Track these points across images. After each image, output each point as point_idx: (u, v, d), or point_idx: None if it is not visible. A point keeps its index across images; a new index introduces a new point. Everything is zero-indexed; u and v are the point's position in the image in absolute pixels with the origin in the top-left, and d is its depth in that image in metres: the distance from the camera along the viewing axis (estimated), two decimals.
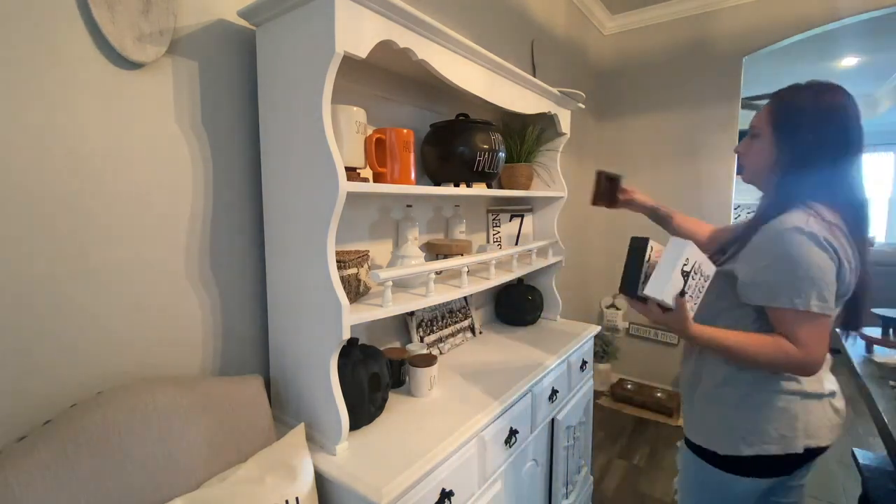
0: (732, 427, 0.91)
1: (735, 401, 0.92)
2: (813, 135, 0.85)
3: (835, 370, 1.02)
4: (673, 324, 0.88)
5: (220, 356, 1.02)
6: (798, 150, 0.87)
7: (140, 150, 0.86)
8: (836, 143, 0.86)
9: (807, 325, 0.82)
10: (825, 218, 0.83)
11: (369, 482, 0.80)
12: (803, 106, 0.87)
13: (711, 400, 0.96)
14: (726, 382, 0.93)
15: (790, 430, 0.88)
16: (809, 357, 0.83)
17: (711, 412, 0.95)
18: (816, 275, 0.81)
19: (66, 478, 0.63)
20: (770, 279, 0.84)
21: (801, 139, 0.87)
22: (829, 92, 0.87)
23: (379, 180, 1.10)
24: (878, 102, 5.01)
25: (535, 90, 1.48)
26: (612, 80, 2.95)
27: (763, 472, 0.91)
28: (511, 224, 1.89)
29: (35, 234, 0.73)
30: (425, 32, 0.99)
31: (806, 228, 0.81)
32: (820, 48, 3.41)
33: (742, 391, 0.91)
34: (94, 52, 0.79)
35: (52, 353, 0.76)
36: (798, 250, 0.81)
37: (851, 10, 2.19)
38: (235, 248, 1.03)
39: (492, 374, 1.29)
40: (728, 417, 0.92)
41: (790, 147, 0.88)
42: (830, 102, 0.86)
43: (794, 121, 0.88)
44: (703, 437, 0.97)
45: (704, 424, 0.97)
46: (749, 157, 0.97)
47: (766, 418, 0.89)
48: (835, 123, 0.85)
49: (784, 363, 0.84)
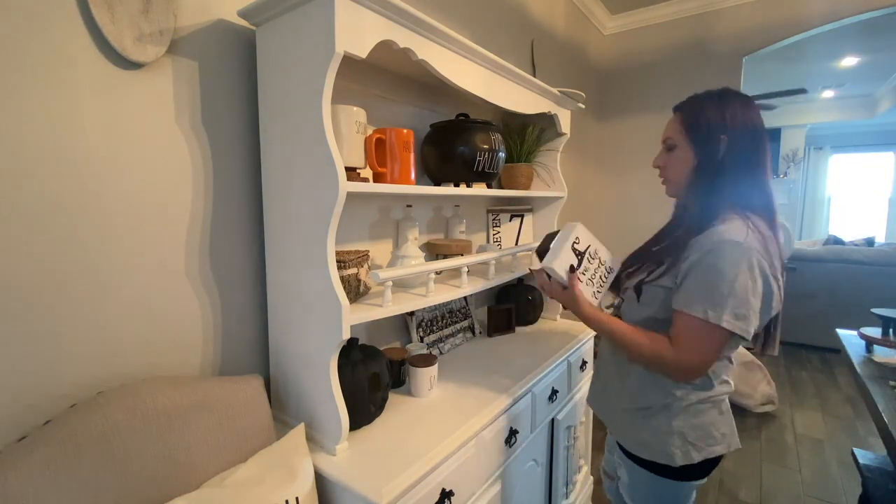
0: (683, 437, 0.91)
1: (678, 410, 0.91)
2: (727, 137, 0.87)
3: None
4: (567, 301, 0.96)
5: (220, 356, 1.02)
6: (715, 154, 0.88)
7: (140, 149, 0.86)
8: (747, 150, 0.87)
9: (699, 332, 0.83)
10: (761, 230, 0.84)
11: (369, 482, 0.80)
12: (711, 109, 0.89)
13: (654, 414, 0.94)
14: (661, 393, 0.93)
15: (728, 428, 0.93)
16: (681, 360, 0.85)
17: (657, 426, 0.93)
18: (739, 293, 0.80)
19: (66, 478, 0.63)
20: (693, 287, 0.84)
21: (715, 142, 0.88)
22: (739, 102, 0.89)
23: (379, 180, 1.10)
24: (878, 102, 5.01)
25: (535, 90, 1.48)
26: (612, 80, 2.95)
27: (704, 473, 0.94)
28: (511, 224, 1.89)
29: (35, 235, 0.73)
30: (425, 32, 0.99)
31: (744, 244, 0.81)
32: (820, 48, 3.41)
33: (682, 400, 0.91)
34: (93, 51, 0.79)
35: (53, 353, 0.76)
36: (730, 265, 0.80)
37: (851, 10, 2.19)
38: (235, 248, 1.03)
39: (492, 374, 1.29)
40: (676, 429, 0.91)
41: (708, 152, 0.89)
42: (739, 111, 0.88)
43: (705, 124, 0.89)
44: (654, 452, 0.94)
45: (654, 440, 0.94)
46: (670, 169, 0.97)
47: (711, 422, 0.91)
48: (744, 131, 0.87)
49: (657, 362, 0.87)
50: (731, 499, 1.98)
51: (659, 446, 0.93)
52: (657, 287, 0.91)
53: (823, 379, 3.30)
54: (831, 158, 6.29)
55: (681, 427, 0.91)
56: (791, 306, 3.85)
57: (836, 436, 2.53)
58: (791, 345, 3.99)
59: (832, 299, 3.88)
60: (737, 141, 0.87)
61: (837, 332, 1.81)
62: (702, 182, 0.91)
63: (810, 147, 6.17)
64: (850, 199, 6.32)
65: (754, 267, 0.81)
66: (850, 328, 1.82)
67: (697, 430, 0.91)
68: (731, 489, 2.04)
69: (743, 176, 0.88)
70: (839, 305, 3.83)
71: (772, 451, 2.36)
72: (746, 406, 2.74)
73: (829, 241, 4.70)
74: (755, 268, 0.81)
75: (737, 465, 2.22)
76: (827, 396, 3.03)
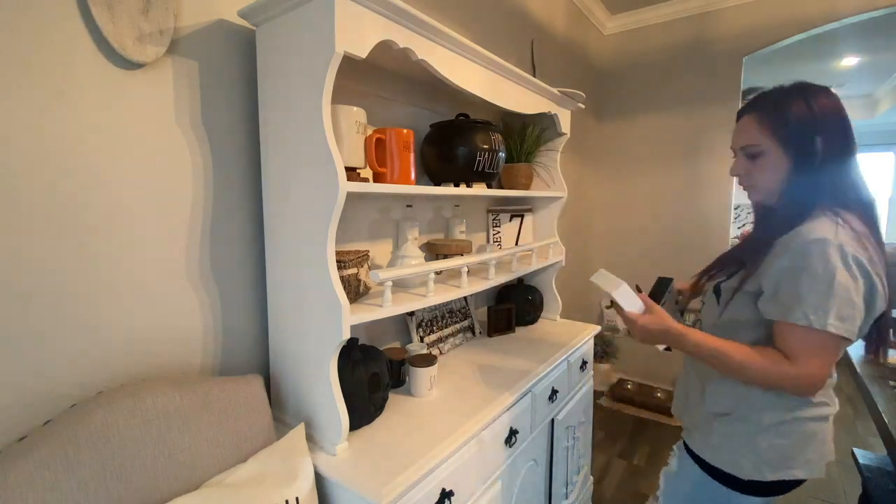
0: (758, 453, 0.86)
1: (763, 425, 0.86)
2: (822, 137, 0.82)
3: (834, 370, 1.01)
4: (652, 324, 0.89)
5: (220, 356, 1.02)
6: (814, 154, 0.83)
7: (140, 150, 0.86)
8: (841, 143, 0.82)
9: (812, 342, 0.77)
10: (854, 227, 0.78)
11: (369, 482, 0.80)
12: (795, 106, 0.84)
13: (732, 422, 0.90)
14: (744, 403, 0.88)
15: (817, 455, 0.86)
16: (804, 373, 0.78)
17: (733, 435, 0.89)
18: (840, 292, 0.75)
19: (66, 478, 0.63)
20: (790, 292, 0.78)
21: (811, 141, 0.82)
22: (821, 93, 0.84)
23: (379, 180, 1.10)
24: (878, 102, 5.01)
25: (535, 90, 1.48)
26: (612, 80, 2.95)
27: (775, 492, 0.88)
28: (511, 224, 1.89)
29: (35, 235, 0.73)
30: (425, 32, 0.99)
31: (834, 241, 0.75)
32: (820, 48, 3.41)
33: (771, 415, 0.86)
34: (94, 51, 0.79)
35: (53, 353, 0.76)
36: (823, 264, 0.75)
37: (851, 10, 2.19)
38: (235, 247, 1.03)
39: (492, 373, 1.29)
40: (754, 442, 0.86)
41: (804, 152, 0.83)
42: (825, 103, 0.83)
43: (794, 122, 0.83)
44: (721, 460, 0.90)
45: (724, 447, 0.90)
46: (756, 177, 0.90)
47: (795, 445, 0.85)
48: (836, 123, 0.83)
49: (776, 378, 0.80)
50: None
51: (728, 455, 0.88)
52: (740, 291, 0.87)
53: None
54: None
55: (760, 444, 0.86)
56: None
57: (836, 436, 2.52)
58: None
59: None
60: (831, 136, 0.82)
61: None
62: (799, 183, 0.85)
63: None
64: None
65: (850, 263, 0.75)
66: None
67: (777, 451, 0.85)
68: None
69: (839, 171, 0.83)
70: None
71: None
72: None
73: None
74: (851, 264, 0.75)
75: None
76: None
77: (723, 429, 0.91)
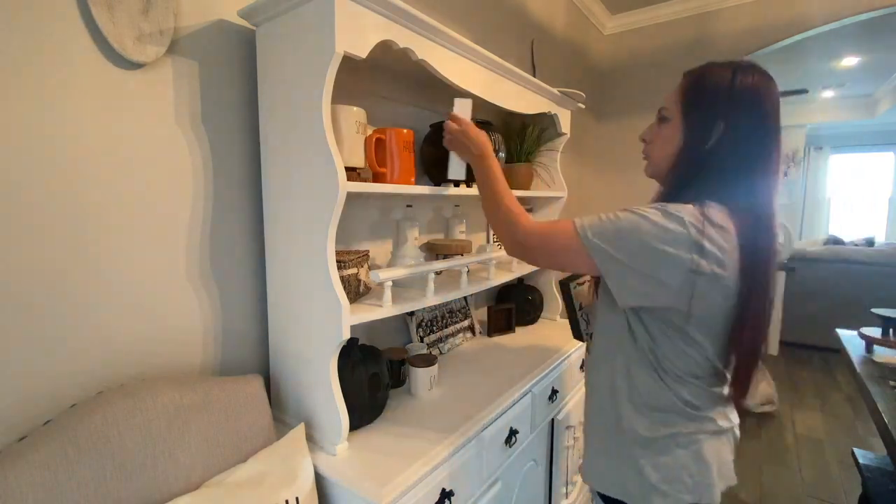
0: (641, 472, 0.77)
1: (642, 439, 0.77)
2: (725, 122, 0.71)
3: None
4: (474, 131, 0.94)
5: (220, 356, 1.02)
6: (704, 140, 0.73)
7: (140, 150, 0.86)
8: (751, 135, 0.71)
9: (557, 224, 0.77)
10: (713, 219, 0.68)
11: (369, 482, 0.80)
12: (719, 85, 0.73)
13: (608, 434, 0.81)
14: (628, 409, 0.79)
15: (704, 477, 0.76)
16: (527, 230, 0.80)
17: (612, 448, 0.81)
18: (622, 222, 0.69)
19: (66, 478, 0.63)
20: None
21: (709, 126, 0.72)
22: (752, 73, 0.72)
23: (379, 180, 1.10)
24: (878, 102, 5.01)
25: (535, 90, 1.47)
26: (612, 80, 2.95)
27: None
28: None
29: (34, 235, 0.73)
30: (425, 32, 0.99)
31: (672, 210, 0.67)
32: (820, 48, 3.41)
33: (646, 424, 0.77)
34: (93, 51, 0.79)
35: (53, 353, 0.76)
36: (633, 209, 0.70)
37: (851, 10, 2.19)
38: (235, 247, 1.03)
39: (492, 373, 1.29)
40: (634, 459, 0.78)
41: (696, 135, 0.74)
42: (752, 85, 0.71)
43: (708, 102, 0.73)
44: (606, 483, 0.82)
45: (609, 464, 0.82)
46: (655, 145, 0.82)
47: (682, 465, 0.75)
48: (754, 110, 0.71)
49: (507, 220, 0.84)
50: (731, 499, 1.98)
51: (613, 477, 0.80)
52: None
53: (823, 379, 3.30)
54: (831, 158, 6.29)
55: (641, 460, 0.77)
56: (791, 306, 3.88)
57: (836, 436, 2.53)
58: (791, 345, 3.99)
59: (832, 299, 3.88)
60: (735, 129, 0.71)
61: (837, 332, 1.81)
62: (682, 170, 0.76)
63: (810, 147, 6.17)
64: (850, 199, 6.32)
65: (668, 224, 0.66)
66: (850, 328, 1.82)
67: (662, 471, 0.75)
68: (732, 489, 2.04)
69: (732, 174, 0.72)
70: (839, 305, 3.83)
71: (772, 451, 2.36)
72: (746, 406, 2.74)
73: (829, 241, 4.71)
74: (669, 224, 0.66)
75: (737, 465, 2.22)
76: (827, 396, 3.03)
77: (603, 445, 0.83)
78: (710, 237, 0.66)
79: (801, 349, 3.95)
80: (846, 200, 6.34)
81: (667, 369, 0.76)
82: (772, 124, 0.72)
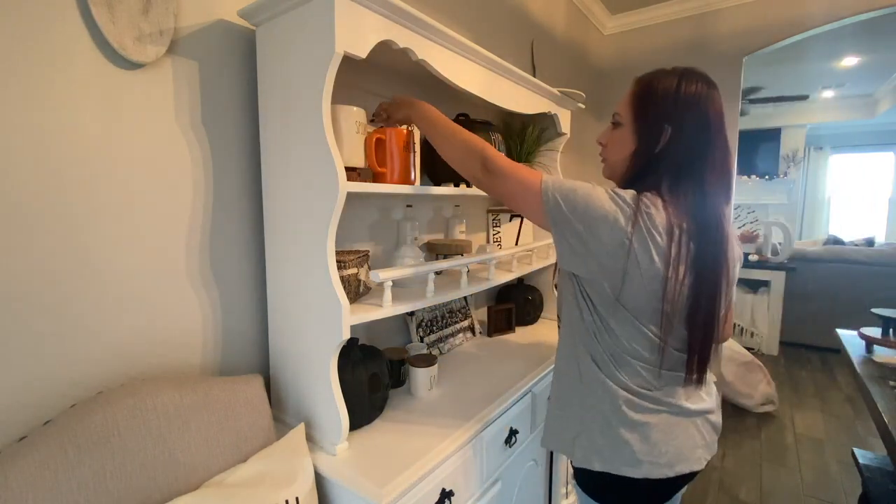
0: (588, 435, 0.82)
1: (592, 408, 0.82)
2: (672, 127, 0.76)
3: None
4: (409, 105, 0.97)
5: (220, 356, 1.02)
6: (653, 145, 0.78)
7: (139, 150, 0.86)
8: (695, 139, 0.76)
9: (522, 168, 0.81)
10: (649, 203, 0.73)
11: (369, 482, 0.80)
12: (667, 91, 0.78)
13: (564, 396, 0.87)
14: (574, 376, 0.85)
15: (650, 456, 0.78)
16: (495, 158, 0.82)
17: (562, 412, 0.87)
18: (580, 188, 0.75)
19: (66, 478, 0.63)
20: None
21: (657, 131, 0.77)
22: (696, 80, 0.77)
23: (379, 180, 1.10)
24: (878, 102, 5.01)
25: (535, 90, 1.47)
26: (612, 80, 2.95)
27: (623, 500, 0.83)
28: (511, 224, 1.89)
29: (34, 235, 0.73)
30: (425, 32, 0.99)
31: (619, 191, 0.74)
32: (820, 48, 3.41)
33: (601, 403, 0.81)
34: (93, 51, 0.79)
35: (53, 353, 0.76)
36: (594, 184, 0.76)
37: (851, 10, 2.19)
38: (235, 248, 1.03)
39: (492, 373, 1.29)
40: (582, 421, 0.83)
41: (646, 140, 0.79)
42: (696, 92, 0.76)
43: (655, 108, 0.78)
44: (557, 441, 0.88)
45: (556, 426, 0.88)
46: (610, 148, 0.87)
47: (628, 442, 0.78)
48: (698, 116, 0.76)
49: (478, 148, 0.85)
50: (731, 499, 1.98)
51: (561, 435, 0.86)
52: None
53: (823, 379, 3.30)
54: (831, 158, 6.29)
55: (589, 424, 0.82)
56: (791, 306, 3.88)
57: (836, 436, 2.53)
58: (791, 345, 4.00)
59: (832, 299, 3.88)
60: (681, 136, 0.76)
61: (837, 332, 1.81)
62: (635, 172, 0.82)
63: (810, 147, 6.17)
64: (850, 199, 6.32)
65: (616, 198, 0.73)
66: (850, 328, 1.82)
67: (608, 439, 0.80)
68: (731, 489, 2.04)
69: (675, 175, 0.77)
70: (839, 305, 3.83)
71: (772, 451, 2.36)
72: (746, 406, 2.74)
73: (829, 241, 4.70)
74: (616, 198, 0.73)
75: (737, 465, 2.22)
76: (827, 396, 3.03)
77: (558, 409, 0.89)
78: (647, 215, 0.73)
79: (801, 349, 3.95)
80: (846, 200, 6.34)
81: (611, 350, 0.80)
82: (715, 129, 0.77)
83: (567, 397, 0.88)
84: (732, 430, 2.56)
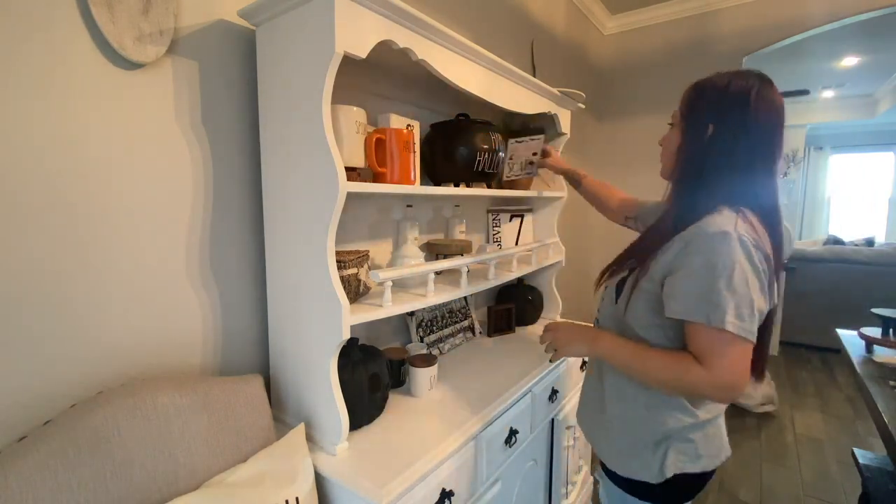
0: (654, 450, 0.84)
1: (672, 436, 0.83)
2: (714, 123, 0.78)
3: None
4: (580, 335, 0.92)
5: (220, 356, 1.02)
6: (699, 139, 0.80)
7: (140, 150, 0.86)
8: (740, 134, 0.77)
9: (716, 341, 0.72)
10: (753, 223, 0.75)
11: (369, 482, 0.80)
12: (714, 90, 0.80)
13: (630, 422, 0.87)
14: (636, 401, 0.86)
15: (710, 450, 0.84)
16: (716, 375, 0.72)
17: (633, 436, 0.87)
18: (739, 288, 0.71)
19: (66, 478, 0.63)
20: (689, 290, 0.74)
21: (703, 128, 0.79)
22: (747, 77, 0.78)
23: (379, 180, 1.10)
24: (878, 102, 5.01)
25: (535, 90, 1.47)
26: (612, 80, 2.95)
27: (681, 496, 0.86)
28: (511, 224, 1.89)
29: (34, 235, 0.73)
30: (425, 32, 0.99)
31: (734, 232, 0.72)
32: (820, 48, 3.41)
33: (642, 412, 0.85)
34: (93, 51, 0.79)
35: (53, 352, 0.76)
36: (722, 257, 0.71)
37: (851, 10, 2.19)
38: (235, 247, 1.03)
39: (492, 373, 1.29)
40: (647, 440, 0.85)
41: (692, 135, 0.82)
42: (744, 88, 0.77)
43: (700, 106, 0.81)
44: (628, 468, 0.88)
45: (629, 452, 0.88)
46: (663, 148, 0.91)
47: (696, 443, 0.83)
48: (744, 112, 0.77)
49: (688, 384, 0.75)
50: (731, 499, 1.98)
51: (635, 461, 0.87)
52: (636, 289, 0.83)
53: (823, 379, 3.30)
54: (831, 158, 6.29)
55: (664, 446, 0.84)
56: (791, 306, 3.88)
57: (836, 436, 2.53)
58: (791, 345, 3.99)
59: (832, 299, 3.88)
60: (723, 129, 0.78)
61: (837, 332, 1.81)
62: (681, 168, 0.84)
63: (810, 147, 6.17)
64: (850, 199, 6.32)
65: (752, 257, 0.72)
66: (850, 328, 1.82)
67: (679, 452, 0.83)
68: (731, 489, 2.04)
69: (729, 170, 0.78)
70: (839, 305, 3.83)
71: (772, 451, 2.36)
72: (746, 406, 2.74)
73: (829, 241, 4.71)
74: (753, 258, 0.72)
75: (737, 465, 2.22)
76: (827, 396, 3.03)
77: (621, 432, 0.88)
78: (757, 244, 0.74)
79: (801, 349, 3.95)
80: (846, 200, 6.34)
81: None
82: (762, 124, 0.77)
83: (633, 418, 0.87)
84: (732, 430, 2.55)
